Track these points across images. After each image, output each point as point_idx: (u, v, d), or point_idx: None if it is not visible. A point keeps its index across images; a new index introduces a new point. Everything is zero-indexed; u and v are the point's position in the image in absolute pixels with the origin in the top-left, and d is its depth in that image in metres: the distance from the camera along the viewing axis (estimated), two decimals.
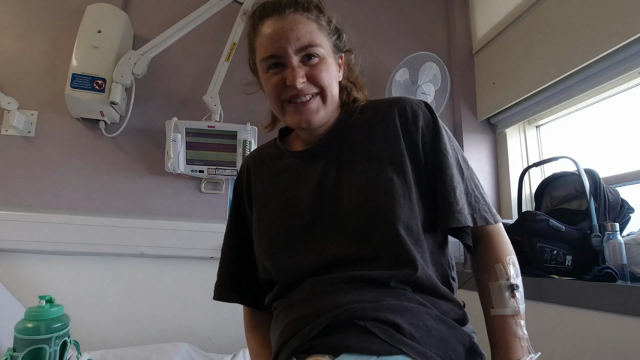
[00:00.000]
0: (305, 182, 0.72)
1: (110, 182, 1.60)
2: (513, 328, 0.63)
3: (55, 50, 1.61)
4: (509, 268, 0.66)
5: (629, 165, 1.44)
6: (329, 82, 0.69)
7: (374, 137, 0.72)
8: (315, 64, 0.68)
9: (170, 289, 1.57)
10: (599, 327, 1.08)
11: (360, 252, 0.65)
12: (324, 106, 0.70)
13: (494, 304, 0.66)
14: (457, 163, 0.71)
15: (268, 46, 0.67)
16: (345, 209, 0.67)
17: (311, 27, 0.68)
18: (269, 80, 0.69)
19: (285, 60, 0.67)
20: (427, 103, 0.74)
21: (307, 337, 0.58)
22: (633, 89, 1.44)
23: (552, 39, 1.57)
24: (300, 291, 0.66)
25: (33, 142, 1.55)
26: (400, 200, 0.65)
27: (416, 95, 1.75)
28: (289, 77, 0.66)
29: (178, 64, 1.77)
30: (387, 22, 2.09)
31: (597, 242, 1.20)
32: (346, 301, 0.59)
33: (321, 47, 0.68)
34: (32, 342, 0.86)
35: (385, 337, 0.54)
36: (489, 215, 0.70)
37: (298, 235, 0.69)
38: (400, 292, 0.61)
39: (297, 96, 0.68)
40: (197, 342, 1.43)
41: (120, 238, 1.50)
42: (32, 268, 1.44)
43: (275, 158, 0.80)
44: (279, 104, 0.70)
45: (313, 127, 0.71)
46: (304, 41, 0.66)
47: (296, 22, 0.67)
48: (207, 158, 1.62)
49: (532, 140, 1.95)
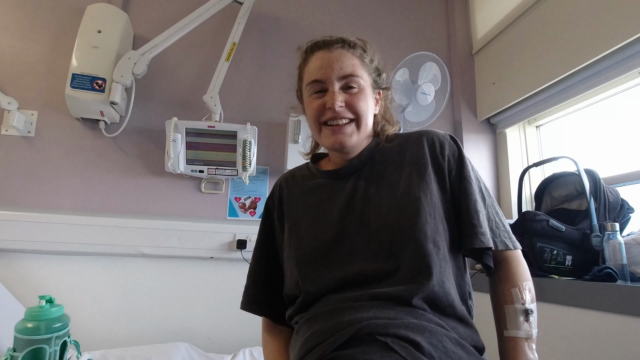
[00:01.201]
0: (334, 201, 0.77)
1: (110, 182, 1.60)
2: (525, 349, 0.65)
3: (55, 50, 1.61)
4: (524, 293, 0.69)
5: (629, 165, 1.44)
6: (365, 111, 0.76)
7: (404, 159, 0.77)
8: (355, 93, 0.75)
9: (170, 289, 1.57)
10: (599, 327, 1.08)
11: (385, 268, 0.67)
12: (358, 132, 0.76)
13: (508, 325, 0.68)
14: (479, 190, 0.76)
15: (314, 73, 0.76)
16: (372, 226, 0.70)
17: (354, 62, 0.76)
18: (311, 104, 0.77)
19: (327, 85, 0.75)
20: (452, 135, 0.80)
21: (329, 348, 0.59)
22: (633, 89, 1.44)
23: (552, 39, 1.57)
24: (324, 305, 0.68)
25: (33, 142, 1.55)
26: (427, 218, 0.68)
27: (416, 95, 1.75)
28: (329, 101, 0.74)
29: (178, 64, 1.77)
30: (387, 22, 2.10)
31: (597, 242, 1.20)
32: (368, 316, 0.61)
33: (361, 79, 0.76)
34: (32, 342, 0.86)
35: (405, 355, 0.55)
36: (509, 241, 0.74)
37: (326, 250, 0.72)
38: (420, 312, 0.62)
39: (335, 118, 0.75)
40: (197, 342, 1.43)
41: (120, 238, 1.50)
42: (32, 268, 1.44)
43: (306, 178, 0.85)
44: (318, 125, 0.77)
45: (345, 149, 0.77)
46: (346, 71, 0.75)
47: (342, 55, 0.76)
48: (207, 158, 1.62)
49: (532, 140, 1.95)
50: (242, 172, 1.61)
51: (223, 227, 1.63)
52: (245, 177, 1.61)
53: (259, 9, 1.84)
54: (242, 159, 1.59)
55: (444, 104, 1.83)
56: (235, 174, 1.64)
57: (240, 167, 1.61)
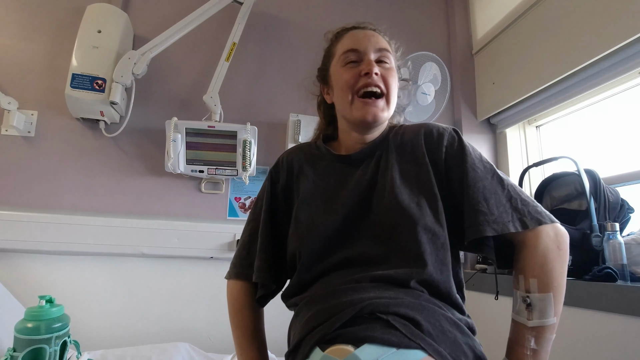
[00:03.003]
0: (344, 186, 0.78)
1: (110, 182, 1.60)
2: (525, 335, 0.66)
3: (55, 50, 1.61)
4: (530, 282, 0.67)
5: (629, 165, 1.44)
6: (394, 89, 0.78)
7: (404, 152, 0.79)
8: (387, 68, 0.78)
9: (170, 289, 1.57)
10: (599, 327, 1.08)
11: (385, 252, 0.69)
12: (387, 108, 0.78)
13: (513, 308, 0.70)
14: (492, 175, 0.73)
15: (350, 43, 0.79)
16: (375, 211, 0.72)
17: (386, 42, 0.81)
18: (345, 73, 0.78)
19: (363, 55, 0.77)
20: (455, 128, 0.81)
21: (331, 327, 0.60)
22: (633, 89, 1.44)
23: (552, 39, 1.57)
24: (325, 287, 0.69)
25: (33, 142, 1.55)
26: (427, 210, 0.69)
27: (416, 96, 1.75)
28: (365, 67, 0.76)
29: (178, 64, 1.77)
30: (387, 22, 2.08)
31: (597, 242, 1.20)
32: (369, 296, 0.62)
33: (393, 57, 0.81)
34: (32, 342, 0.86)
35: (406, 332, 0.57)
36: (542, 216, 0.69)
37: (331, 232, 0.73)
38: (418, 293, 0.64)
39: (369, 85, 0.75)
40: (197, 342, 1.43)
41: (120, 238, 1.50)
42: (32, 268, 1.44)
43: (317, 158, 0.86)
44: (350, 96, 0.77)
45: (376, 123, 0.78)
46: (382, 45, 0.79)
47: (375, 34, 0.81)
48: (207, 158, 1.62)
49: (532, 140, 1.95)
50: (242, 172, 1.61)
51: (223, 227, 1.63)
52: (245, 177, 1.61)
53: (259, 9, 1.84)
54: (242, 159, 1.59)
55: (444, 104, 1.83)
56: (235, 174, 1.64)
57: (240, 167, 1.61)
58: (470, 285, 1.57)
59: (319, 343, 0.60)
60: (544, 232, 0.68)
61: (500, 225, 0.67)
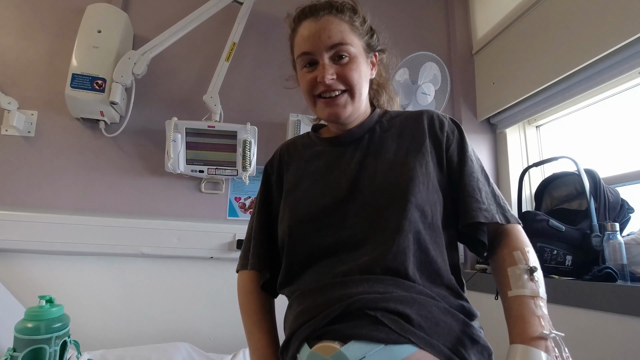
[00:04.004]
0: (332, 167, 0.78)
1: (110, 182, 1.60)
2: (531, 307, 0.62)
3: (55, 50, 1.61)
4: (528, 255, 0.68)
5: (629, 165, 1.44)
6: (358, 81, 0.74)
7: (403, 134, 0.78)
8: (346, 63, 0.74)
9: (170, 289, 1.57)
10: (599, 327, 1.08)
11: (374, 232, 0.67)
12: (352, 102, 0.76)
13: (512, 286, 0.65)
14: (481, 170, 0.78)
15: (302, 45, 0.75)
16: (365, 191, 0.71)
17: (343, 27, 0.74)
18: (303, 78, 0.77)
19: (317, 57, 0.74)
20: (452, 118, 0.82)
21: (319, 324, 0.60)
22: (633, 89, 1.44)
23: (552, 39, 1.57)
24: (314, 279, 0.69)
25: (33, 142, 1.55)
26: (419, 186, 0.68)
27: (416, 95, 1.75)
28: (320, 74, 0.73)
29: (178, 64, 1.77)
30: (387, 22, 2.09)
31: (597, 242, 1.21)
32: (358, 292, 0.61)
33: (351, 45, 0.74)
34: (32, 342, 0.86)
35: (395, 327, 0.57)
36: (513, 218, 0.75)
37: (320, 214, 0.73)
38: (409, 284, 0.63)
39: (327, 91, 0.74)
40: (197, 342, 1.43)
41: (120, 238, 1.50)
42: (32, 268, 1.44)
43: (307, 146, 0.86)
44: (312, 98, 0.77)
45: (341, 120, 0.77)
46: (334, 39, 0.73)
47: (329, 23, 0.74)
48: (207, 158, 1.62)
49: (532, 140, 1.95)
50: (242, 172, 1.61)
51: (223, 227, 1.63)
52: (245, 177, 1.61)
53: (259, 9, 1.84)
54: (242, 159, 1.59)
55: (444, 104, 1.83)
56: (235, 174, 1.64)
57: (240, 167, 1.61)
58: (470, 285, 1.56)
59: (307, 339, 0.61)
60: (519, 227, 0.75)
61: (490, 214, 0.71)
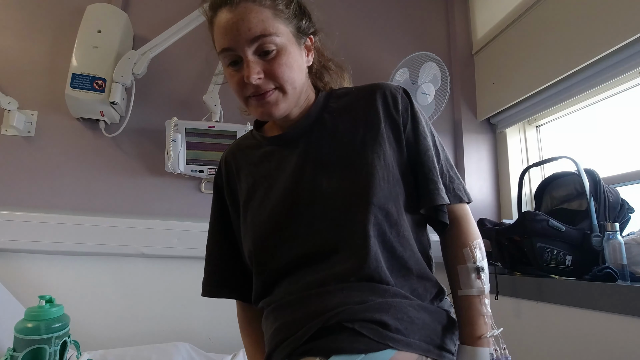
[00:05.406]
0: (284, 168, 0.72)
1: (110, 182, 1.60)
2: (478, 307, 0.66)
3: (55, 50, 1.61)
4: (475, 252, 0.69)
5: (629, 165, 1.44)
6: (289, 76, 0.67)
7: (356, 120, 0.72)
8: (273, 58, 0.65)
9: (170, 289, 1.57)
10: (599, 327, 1.08)
11: (343, 237, 0.64)
12: (285, 98, 0.68)
13: (461, 285, 0.69)
14: (434, 145, 0.74)
15: (221, 39, 0.66)
16: (326, 192, 0.66)
17: (264, 15, 0.64)
18: (231, 78, 0.69)
19: (240, 53, 0.65)
20: (405, 88, 0.75)
21: (299, 341, 0.60)
22: (633, 89, 1.44)
23: (552, 39, 1.57)
24: (289, 292, 0.67)
25: (33, 142, 1.55)
26: (380, 183, 0.65)
27: (416, 95, 1.75)
28: (245, 75, 0.64)
29: (178, 64, 1.77)
30: (387, 22, 2.09)
31: (597, 242, 1.20)
32: (334, 304, 0.61)
33: (276, 35, 0.65)
34: (32, 342, 0.86)
35: (373, 336, 0.58)
36: (463, 194, 0.73)
37: (282, 223, 0.68)
38: (384, 288, 0.63)
39: (255, 92, 0.67)
40: (197, 342, 1.43)
41: (120, 238, 1.50)
42: (32, 268, 1.44)
43: (253, 148, 0.79)
44: (243, 99, 0.70)
45: (276, 118, 0.70)
46: (256, 31, 0.63)
47: (247, 11, 0.63)
48: (207, 158, 1.62)
49: (532, 140, 1.95)
50: None
51: None
52: None
53: None
54: None
55: (444, 104, 1.83)
56: None
57: None
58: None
59: (289, 356, 0.61)
60: (467, 210, 0.75)
61: (450, 195, 0.71)
